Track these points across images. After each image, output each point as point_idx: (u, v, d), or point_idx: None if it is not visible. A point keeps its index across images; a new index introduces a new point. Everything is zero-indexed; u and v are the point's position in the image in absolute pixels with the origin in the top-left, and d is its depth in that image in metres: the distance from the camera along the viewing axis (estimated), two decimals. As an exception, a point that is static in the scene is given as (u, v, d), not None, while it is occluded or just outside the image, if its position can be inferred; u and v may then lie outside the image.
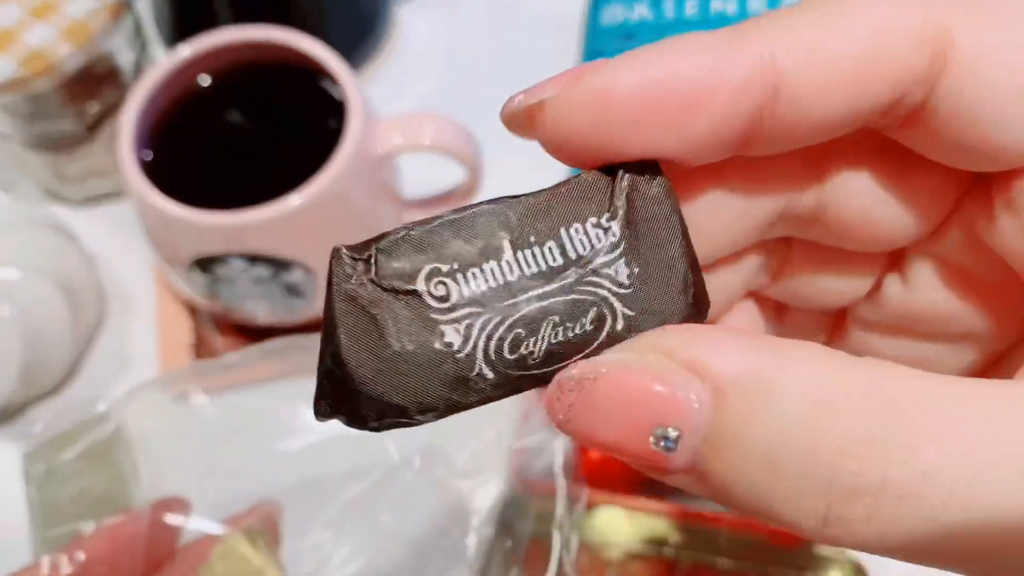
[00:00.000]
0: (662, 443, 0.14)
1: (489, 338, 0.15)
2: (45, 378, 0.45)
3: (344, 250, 0.15)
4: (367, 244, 0.15)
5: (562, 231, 0.15)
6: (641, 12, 0.53)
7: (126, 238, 0.50)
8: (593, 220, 0.15)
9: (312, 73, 0.42)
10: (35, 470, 0.34)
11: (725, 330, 0.14)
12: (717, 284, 0.19)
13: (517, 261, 0.15)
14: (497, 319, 0.15)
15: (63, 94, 0.45)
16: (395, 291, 0.15)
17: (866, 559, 0.39)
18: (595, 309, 0.15)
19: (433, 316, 0.15)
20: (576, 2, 0.57)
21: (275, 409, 0.37)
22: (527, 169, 0.52)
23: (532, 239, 0.15)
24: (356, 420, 0.15)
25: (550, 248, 0.15)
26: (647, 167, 0.15)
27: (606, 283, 0.15)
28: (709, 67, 0.14)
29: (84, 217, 0.52)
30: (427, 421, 0.15)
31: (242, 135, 0.43)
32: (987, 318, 0.18)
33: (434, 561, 0.34)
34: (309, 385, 0.16)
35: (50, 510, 0.33)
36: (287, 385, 0.38)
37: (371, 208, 0.42)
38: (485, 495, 0.35)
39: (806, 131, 0.15)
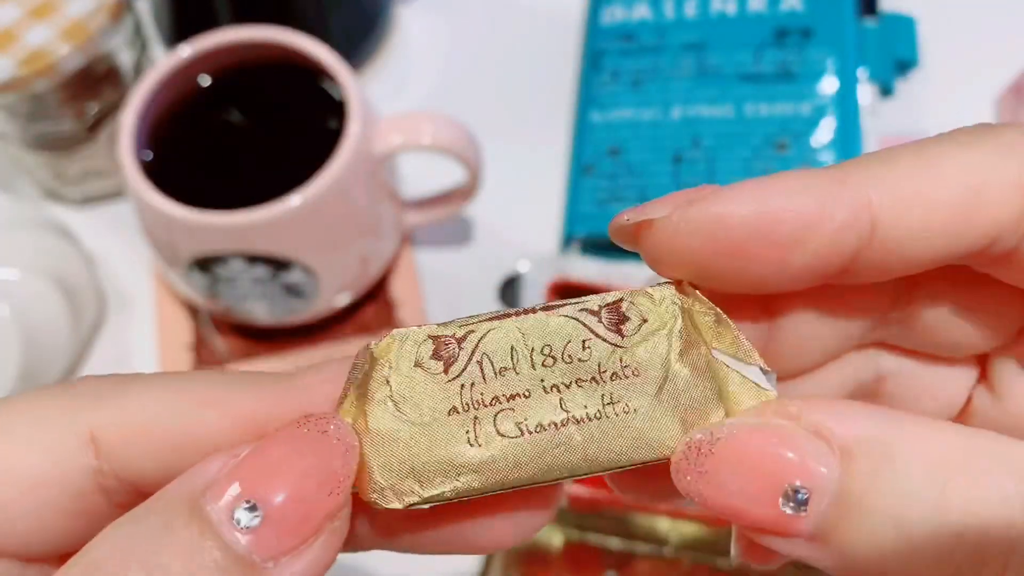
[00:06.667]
0: (791, 504, 0.14)
1: None
2: (44, 378, 0.45)
3: None
4: None
5: None
6: (641, 12, 0.53)
7: (126, 238, 0.50)
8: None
9: (312, 73, 0.42)
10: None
11: (845, 400, 0.15)
12: (815, 387, 0.19)
13: None
14: None
15: (62, 94, 0.45)
16: None
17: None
18: None
19: None
20: (576, 2, 0.57)
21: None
22: (526, 169, 0.52)
23: None
24: None
25: None
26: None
27: None
28: (813, 207, 0.15)
29: (83, 217, 0.52)
30: None
31: (242, 135, 0.43)
32: None
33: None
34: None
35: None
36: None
37: (370, 208, 0.42)
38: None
39: (897, 268, 0.16)
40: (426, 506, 0.16)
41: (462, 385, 0.16)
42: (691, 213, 0.15)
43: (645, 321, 0.16)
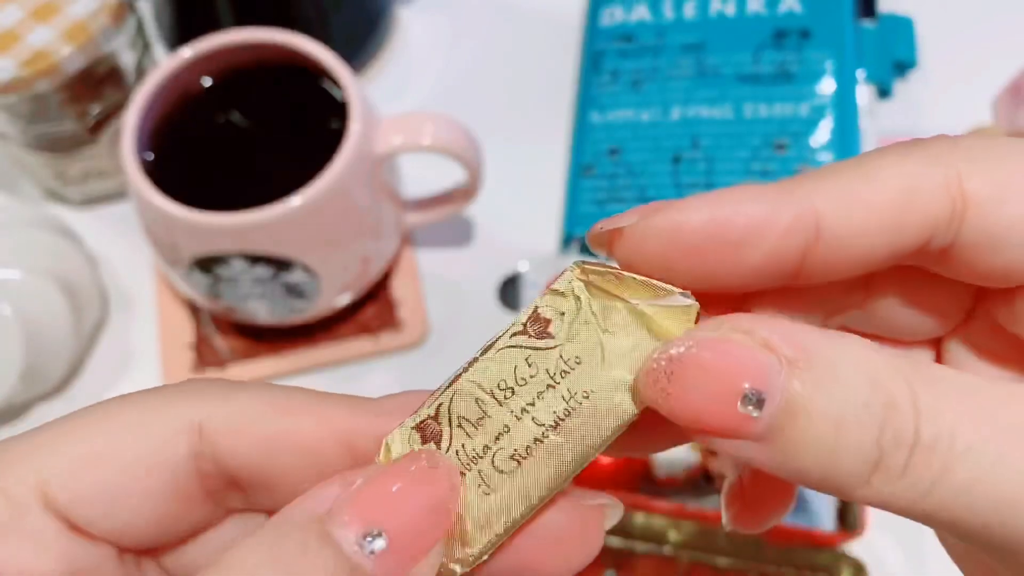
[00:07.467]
0: (750, 405, 0.16)
1: None
2: (47, 378, 0.45)
3: None
4: None
5: None
6: (640, 13, 0.53)
7: (127, 238, 0.50)
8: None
9: (313, 74, 0.42)
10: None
11: (790, 320, 0.17)
12: None
13: None
14: None
15: (64, 95, 0.45)
16: None
17: (865, 558, 0.39)
18: None
19: None
20: (576, 3, 0.57)
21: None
22: (526, 169, 0.52)
23: None
24: None
25: None
26: None
27: None
28: (761, 212, 0.17)
29: (85, 218, 0.52)
30: None
31: (243, 136, 0.43)
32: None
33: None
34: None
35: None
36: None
37: (371, 208, 0.42)
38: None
39: (847, 267, 0.18)
40: (485, 556, 0.18)
41: (456, 451, 0.18)
42: (654, 220, 0.18)
43: (563, 314, 0.18)
